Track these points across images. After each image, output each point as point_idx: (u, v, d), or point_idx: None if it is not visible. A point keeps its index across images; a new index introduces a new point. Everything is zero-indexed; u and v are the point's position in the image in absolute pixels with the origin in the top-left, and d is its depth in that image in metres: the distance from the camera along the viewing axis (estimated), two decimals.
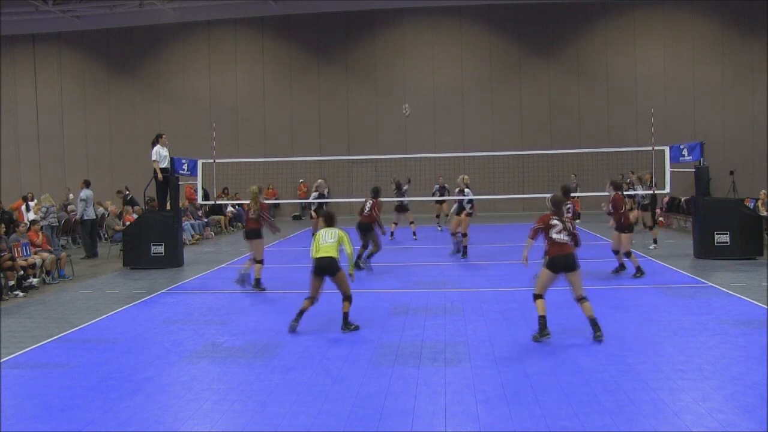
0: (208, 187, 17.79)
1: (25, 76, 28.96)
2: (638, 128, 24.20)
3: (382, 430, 4.89)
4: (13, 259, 11.09)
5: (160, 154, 14.27)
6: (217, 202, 20.17)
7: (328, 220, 8.26)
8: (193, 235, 18.59)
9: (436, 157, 20.15)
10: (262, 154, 25.06)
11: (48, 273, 12.27)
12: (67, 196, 21.30)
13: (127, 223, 15.39)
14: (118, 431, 5.02)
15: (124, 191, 21.20)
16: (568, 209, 11.15)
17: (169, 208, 14.41)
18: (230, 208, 22.25)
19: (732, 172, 23.85)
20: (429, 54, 26.91)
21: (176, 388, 5.97)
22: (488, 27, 26.80)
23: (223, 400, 5.62)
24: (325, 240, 7.94)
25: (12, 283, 10.92)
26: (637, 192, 15.60)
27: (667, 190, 14.48)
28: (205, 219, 20.59)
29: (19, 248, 11.67)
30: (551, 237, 7.28)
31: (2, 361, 6.93)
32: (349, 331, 7.81)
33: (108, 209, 18.79)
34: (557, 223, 7.33)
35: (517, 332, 7.56)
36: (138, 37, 28.26)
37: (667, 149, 14.12)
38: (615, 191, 11.20)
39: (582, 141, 23.89)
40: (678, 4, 26.04)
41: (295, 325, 7.85)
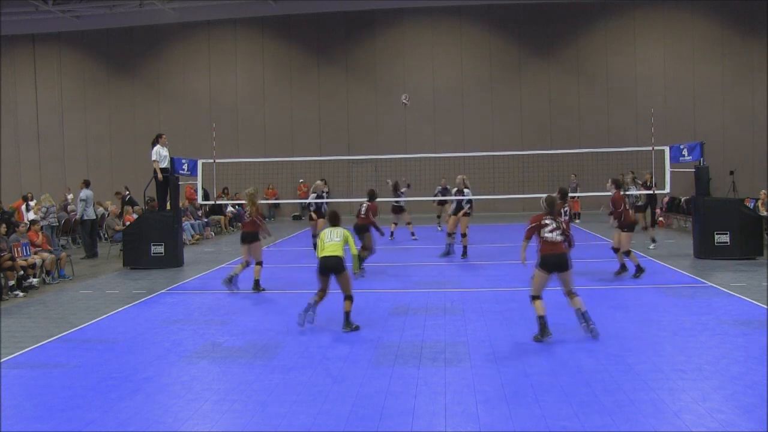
0: (208, 187, 17.79)
1: (25, 76, 28.97)
2: (638, 128, 24.21)
3: (382, 430, 4.89)
4: (13, 259, 11.09)
5: (160, 154, 14.27)
6: (217, 202, 20.17)
7: (333, 219, 8.29)
8: (193, 235, 18.59)
9: (436, 157, 20.14)
10: (262, 154, 25.05)
11: (48, 273, 12.27)
12: (65, 196, 21.30)
13: (127, 223, 15.38)
14: (118, 431, 5.02)
15: (123, 192, 21.23)
16: (566, 212, 11.17)
17: (169, 208, 14.41)
18: (230, 208, 22.25)
19: (732, 172, 23.85)
20: (429, 54, 26.91)
21: (176, 388, 5.97)
22: (488, 27, 26.81)
23: (223, 400, 5.62)
24: (331, 239, 7.98)
25: (12, 283, 10.92)
26: (630, 193, 15.59)
27: (667, 190, 14.47)
28: (205, 219, 20.59)
29: (19, 248, 11.67)
30: (543, 236, 7.31)
31: (2, 361, 6.93)
32: (350, 331, 7.82)
33: (108, 209, 18.79)
34: (549, 222, 7.36)
35: (517, 332, 7.56)
36: (138, 37, 28.26)
37: (667, 149, 14.12)
38: (616, 189, 11.19)
39: (582, 141, 23.89)
40: (678, 4, 26.04)
41: (306, 316, 7.94)
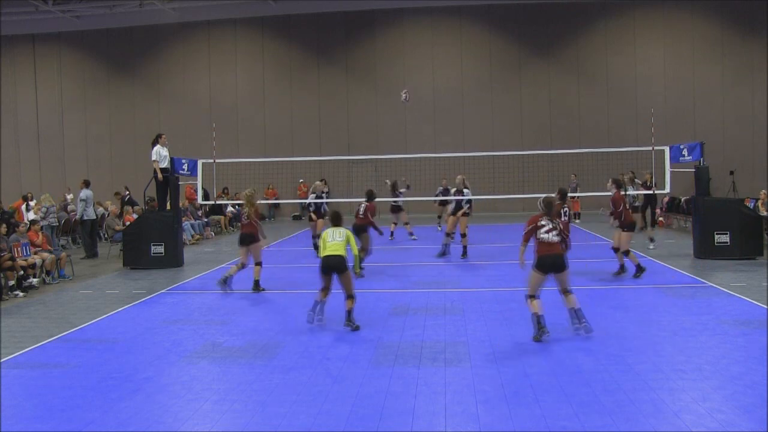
0: (208, 187, 17.79)
1: (25, 76, 28.97)
2: (638, 128, 24.20)
3: (382, 430, 4.89)
4: (13, 259, 11.09)
5: (160, 154, 14.27)
6: (217, 202, 20.17)
7: (335, 219, 8.39)
8: (193, 235, 18.59)
9: (436, 157, 20.14)
10: (262, 154, 25.06)
11: (48, 273, 12.27)
12: (64, 197, 21.30)
13: (127, 223, 15.39)
14: (118, 431, 5.02)
15: (123, 192, 21.22)
16: (565, 212, 11.17)
17: (169, 208, 14.41)
18: (230, 208, 22.25)
19: (732, 172, 23.84)
20: (429, 54, 26.91)
21: (176, 388, 5.97)
22: (488, 27, 26.81)
23: (223, 400, 5.62)
24: (333, 238, 8.05)
25: (12, 283, 10.92)
26: (628, 193, 15.54)
27: (667, 190, 14.48)
28: (205, 219, 20.60)
29: (19, 248, 11.67)
30: (539, 237, 7.34)
31: (2, 361, 6.93)
32: (352, 328, 7.84)
33: (108, 209, 18.79)
34: (545, 223, 7.39)
35: (517, 332, 7.55)
36: (138, 37, 28.26)
37: (667, 149, 14.12)
38: (616, 189, 11.16)
39: (582, 141, 23.88)
40: (678, 4, 26.04)
41: (313, 315, 8.06)
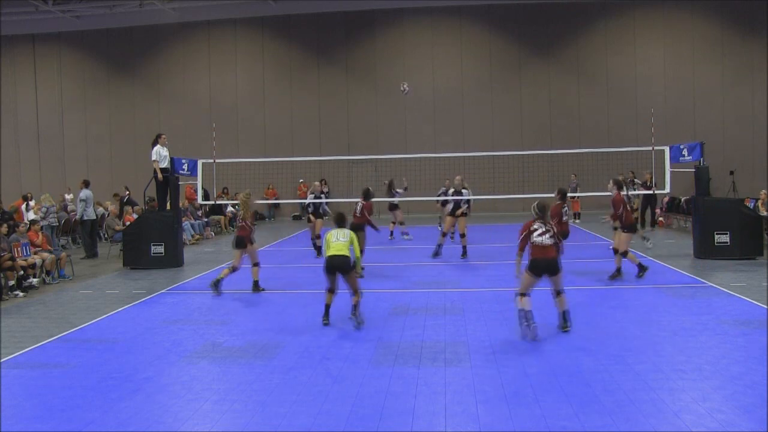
0: (208, 187, 17.80)
1: (25, 76, 28.97)
2: (638, 128, 24.20)
3: (382, 430, 4.89)
4: (13, 259, 11.09)
5: (160, 154, 14.27)
6: (217, 202, 20.18)
7: (339, 220, 8.49)
8: (193, 235, 18.60)
9: (436, 157, 20.15)
10: (262, 154, 25.07)
11: (48, 273, 12.27)
12: (63, 197, 21.29)
13: (127, 223, 15.39)
14: (118, 431, 5.02)
15: (123, 193, 21.22)
16: (565, 212, 11.16)
17: (169, 208, 14.42)
18: (230, 208, 22.25)
19: (732, 172, 23.85)
20: (429, 54, 26.91)
21: (176, 388, 5.97)
22: (488, 27, 26.81)
23: (223, 400, 5.62)
24: (337, 239, 8.18)
25: (12, 283, 10.92)
26: (629, 193, 15.51)
27: (667, 190, 14.47)
28: (205, 219, 20.61)
29: (19, 248, 11.67)
30: (532, 240, 7.42)
31: (2, 361, 6.93)
32: (356, 321, 8.00)
33: (108, 209, 18.80)
34: (538, 226, 7.46)
35: (517, 332, 7.54)
36: (138, 37, 28.27)
37: (667, 149, 14.13)
38: (617, 191, 11.05)
39: (582, 141, 23.89)
40: (678, 4, 26.04)
41: (327, 321, 8.15)
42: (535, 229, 7.45)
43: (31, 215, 16.47)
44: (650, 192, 17.12)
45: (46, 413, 5.41)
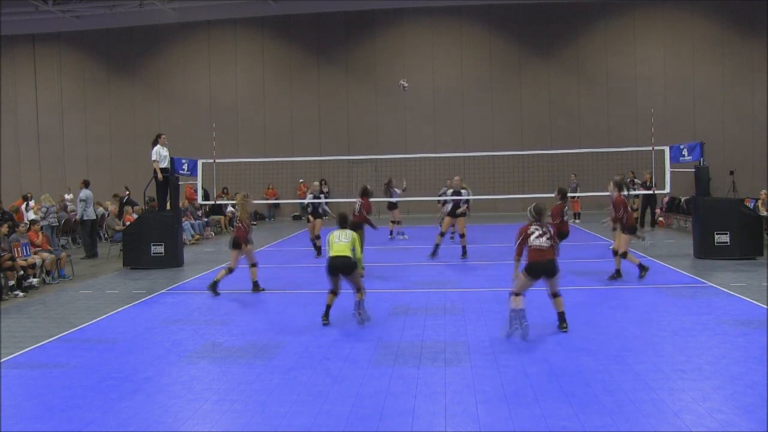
0: (208, 187, 17.80)
1: (25, 76, 28.97)
2: (638, 128, 24.19)
3: (382, 430, 4.89)
4: (13, 259, 11.09)
5: (160, 154, 14.27)
6: (217, 202, 20.18)
7: (342, 221, 8.50)
8: (193, 235, 18.60)
9: (436, 157, 20.14)
10: (262, 154, 25.07)
11: (48, 273, 12.27)
12: (62, 197, 21.27)
13: (127, 223, 15.39)
14: (118, 431, 5.02)
15: (122, 193, 21.22)
16: (565, 211, 11.13)
17: (169, 208, 14.42)
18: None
19: (732, 172, 23.85)
20: (429, 54, 26.91)
21: (176, 388, 5.97)
22: (488, 27, 26.81)
23: (223, 400, 5.62)
24: (339, 240, 8.20)
25: (12, 283, 10.92)
26: (630, 193, 15.49)
27: (667, 190, 14.47)
28: (205, 219, 20.61)
29: (19, 248, 11.67)
30: (530, 243, 7.43)
31: (2, 361, 6.93)
32: (360, 317, 8.11)
33: (108, 209, 18.81)
34: (535, 229, 7.48)
35: (516, 332, 7.54)
36: (138, 37, 28.26)
37: (667, 149, 14.12)
38: (617, 192, 10.92)
39: (582, 141, 23.89)
40: (678, 4, 26.04)
41: (326, 321, 8.15)
42: (532, 232, 7.46)
43: (31, 215, 16.47)
44: (650, 192, 17.11)
45: (46, 413, 5.41)
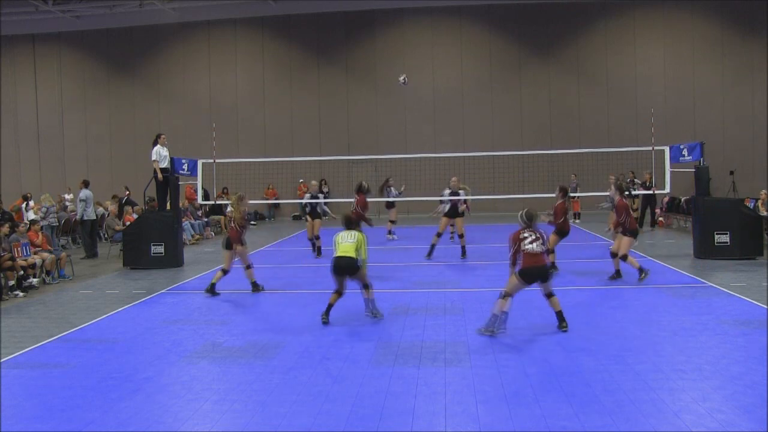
0: (208, 187, 17.79)
1: (25, 76, 28.97)
2: (638, 128, 24.19)
3: (382, 430, 4.89)
4: (13, 259, 11.09)
5: (160, 154, 14.28)
6: (217, 202, 20.17)
7: (348, 223, 8.51)
8: (193, 235, 18.60)
9: (436, 157, 20.15)
10: (262, 154, 25.07)
11: (48, 273, 12.27)
12: (61, 197, 21.26)
13: (127, 223, 15.39)
14: (118, 431, 5.02)
15: (122, 193, 21.21)
16: (565, 212, 11.13)
17: (169, 208, 14.42)
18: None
19: (732, 172, 23.85)
20: (429, 54, 26.91)
21: (176, 388, 5.96)
22: (488, 27, 26.81)
23: (223, 400, 5.62)
24: (345, 240, 8.24)
25: (12, 283, 10.92)
26: (631, 193, 15.50)
27: (667, 190, 14.47)
28: (205, 219, 20.61)
29: (19, 248, 11.67)
30: (524, 249, 7.41)
31: (2, 361, 6.93)
32: (374, 315, 8.27)
33: (108, 209, 18.80)
34: (528, 234, 7.48)
35: (517, 333, 7.55)
36: (138, 37, 28.26)
37: (667, 149, 14.12)
38: (619, 196, 10.77)
39: (582, 141, 23.88)
40: (678, 4, 26.04)
41: (326, 320, 8.18)
42: (525, 238, 7.45)
43: (31, 215, 16.47)
44: (650, 192, 17.11)
45: (46, 413, 5.41)
